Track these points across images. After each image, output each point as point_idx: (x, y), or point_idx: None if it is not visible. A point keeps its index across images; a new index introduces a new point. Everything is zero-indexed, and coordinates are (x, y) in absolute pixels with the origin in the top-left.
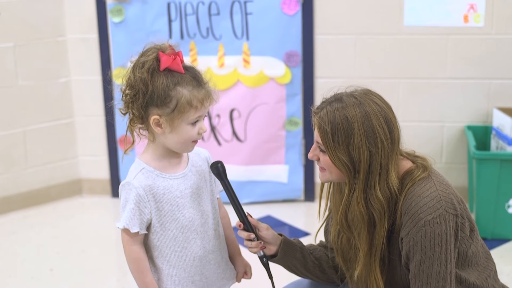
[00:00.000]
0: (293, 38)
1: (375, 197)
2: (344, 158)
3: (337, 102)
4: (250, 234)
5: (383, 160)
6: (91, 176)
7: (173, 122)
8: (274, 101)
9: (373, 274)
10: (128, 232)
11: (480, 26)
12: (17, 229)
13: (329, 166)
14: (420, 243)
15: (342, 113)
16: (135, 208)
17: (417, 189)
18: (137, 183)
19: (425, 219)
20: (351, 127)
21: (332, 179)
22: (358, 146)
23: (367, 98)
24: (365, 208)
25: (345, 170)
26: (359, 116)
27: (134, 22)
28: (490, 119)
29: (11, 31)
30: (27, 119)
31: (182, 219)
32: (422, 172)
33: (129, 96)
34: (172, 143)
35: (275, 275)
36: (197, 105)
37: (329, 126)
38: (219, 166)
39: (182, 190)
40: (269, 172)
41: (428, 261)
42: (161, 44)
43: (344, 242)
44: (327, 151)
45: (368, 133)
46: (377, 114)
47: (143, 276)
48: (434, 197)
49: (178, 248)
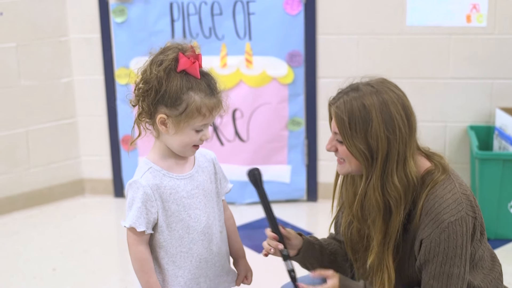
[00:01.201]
0: (295, 38)
1: (392, 184)
2: (361, 147)
3: (353, 91)
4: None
5: (401, 147)
6: (94, 176)
7: (178, 124)
8: (276, 101)
9: (385, 263)
10: (134, 231)
11: (483, 26)
12: (20, 229)
13: (347, 156)
14: (443, 244)
15: (360, 102)
16: (142, 207)
17: (439, 190)
18: (144, 182)
19: (448, 220)
20: (368, 114)
21: (351, 170)
22: (376, 134)
23: (383, 86)
24: (381, 195)
25: (362, 159)
26: (377, 103)
27: (136, 22)
28: (492, 119)
29: (13, 31)
30: (29, 119)
31: (188, 219)
32: (442, 173)
33: (142, 90)
34: (173, 144)
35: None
36: (206, 113)
37: (346, 115)
38: (256, 173)
39: (188, 190)
40: (271, 172)
41: (449, 262)
42: (183, 44)
43: (354, 233)
44: (344, 140)
45: (386, 120)
46: (394, 101)
47: (147, 276)
48: (456, 199)
49: (184, 249)
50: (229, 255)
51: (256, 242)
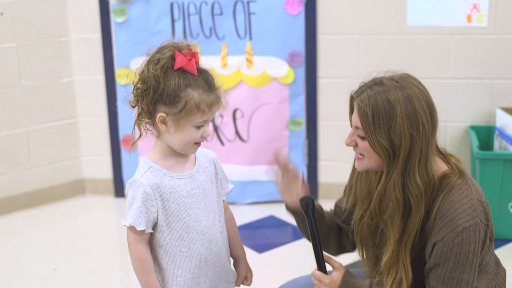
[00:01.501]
0: (296, 38)
1: (414, 182)
2: (384, 142)
3: (377, 85)
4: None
5: (423, 144)
6: (94, 176)
7: (178, 122)
8: (277, 101)
9: (401, 261)
10: (134, 230)
11: (483, 26)
12: (21, 229)
13: (368, 152)
14: (456, 249)
15: (384, 96)
16: (142, 206)
17: (456, 195)
18: (145, 181)
19: (463, 226)
20: (393, 110)
21: (370, 166)
22: (400, 130)
23: (407, 82)
24: (401, 193)
25: (384, 155)
26: (401, 99)
27: (137, 22)
28: (493, 119)
29: (14, 31)
30: (30, 119)
31: (188, 219)
32: (459, 177)
33: (140, 90)
34: (174, 143)
35: (273, 275)
36: (205, 109)
37: (370, 109)
38: (309, 203)
39: (189, 190)
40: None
41: (460, 268)
42: (179, 43)
43: (364, 228)
44: (366, 135)
45: (411, 116)
46: (419, 97)
47: (147, 276)
48: (471, 205)
49: (184, 248)
50: (230, 256)
51: (256, 242)
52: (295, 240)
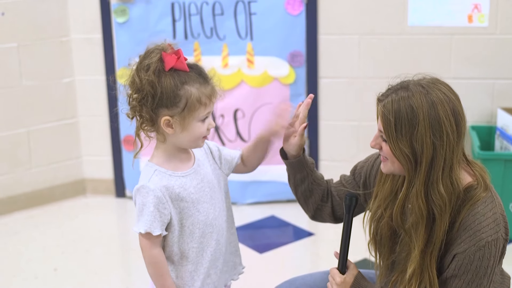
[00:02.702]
0: (297, 38)
1: (438, 192)
2: (406, 150)
3: (403, 90)
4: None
5: (447, 154)
6: (95, 176)
7: (184, 121)
8: (278, 101)
9: (427, 272)
10: (149, 236)
11: (484, 26)
12: (21, 229)
13: (391, 156)
14: (476, 263)
15: (408, 103)
16: (155, 211)
17: (481, 207)
18: (153, 186)
19: (486, 240)
20: (415, 117)
21: (394, 170)
22: (422, 138)
23: (434, 88)
24: (425, 203)
25: (405, 162)
26: (425, 106)
27: (138, 22)
28: (494, 119)
29: (15, 31)
30: (31, 119)
31: (197, 214)
32: (484, 190)
33: (137, 100)
34: (183, 142)
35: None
36: (206, 101)
37: (393, 116)
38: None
39: (195, 185)
40: (273, 172)
41: (477, 281)
42: (161, 44)
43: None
44: (388, 141)
45: (434, 125)
46: (444, 105)
47: (163, 279)
48: (495, 219)
49: (195, 244)
50: (236, 247)
51: (257, 242)
52: (296, 240)
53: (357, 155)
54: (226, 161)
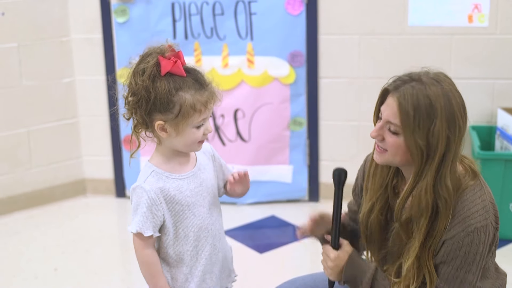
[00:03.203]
0: (297, 38)
1: (445, 185)
2: (421, 142)
3: (417, 82)
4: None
5: (457, 147)
6: (95, 176)
7: (178, 126)
8: (278, 101)
9: (426, 266)
10: (141, 236)
11: (485, 26)
12: (22, 229)
13: (396, 149)
14: (464, 249)
15: (426, 97)
16: (147, 212)
17: (469, 195)
18: (148, 187)
19: (475, 226)
20: (435, 112)
21: (393, 161)
22: (439, 132)
23: (447, 83)
24: (433, 196)
25: (417, 155)
26: (443, 102)
27: (138, 22)
28: (494, 119)
29: (15, 31)
30: (31, 119)
31: (193, 218)
32: (472, 178)
33: (132, 103)
34: (179, 146)
35: (274, 276)
36: (201, 108)
37: (412, 108)
38: (342, 174)
39: (192, 189)
40: (273, 172)
41: (465, 268)
42: (160, 46)
43: (374, 223)
44: (404, 133)
45: (450, 119)
46: (457, 101)
47: (156, 279)
48: (484, 205)
49: (190, 247)
50: (231, 252)
51: (257, 242)
52: (296, 240)
53: (357, 155)
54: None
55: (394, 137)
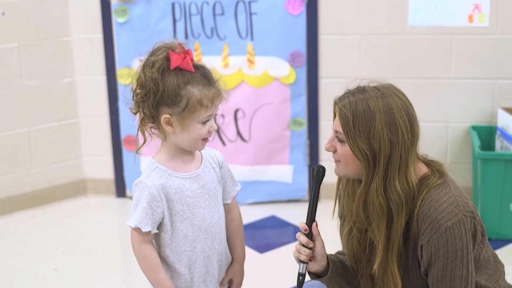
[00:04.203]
0: (297, 38)
1: (394, 189)
2: (364, 147)
3: (360, 93)
4: (310, 241)
5: (403, 152)
6: (96, 176)
7: (183, 121)
8: (278, 101)
9: (390, 269)
10: (139, 231)
11: (485, 26)
12: (22, 229)
13: (346, 157)
14: (442, 249)
15: (365, 103)
16: (147, 207)
17: (434, 195)
18: (150, 182)
19: (445, 225)
20: (372, 115)
21: (347, 172)
22: (379, 135)
23: (390, 92)
24: (384, 199)
25: (363, 160)
26: (381, 106)
27: (138, 22)
28: (494, 119)
29: (15, 31)
30: (31, 119)
31: (192, 218)
32: (438, 178)
33: (140, 96)
34: (182, 142)
35: (274, 276)
36: (208, 104)
37: (351, 114)
38: (320, 171)
39: (193, 189)
40: (273, 172)
41: (450, 265)
42: (170, 43)
43: (355, 243)
44: (347, 139)
45: (390, 123)
46: (399, 106)
47: (155, 272)
48: (451, 202)
49: (189, 247)
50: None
51: (258, 242)
52: (296, 241)
53: None
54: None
55: (343, 146)
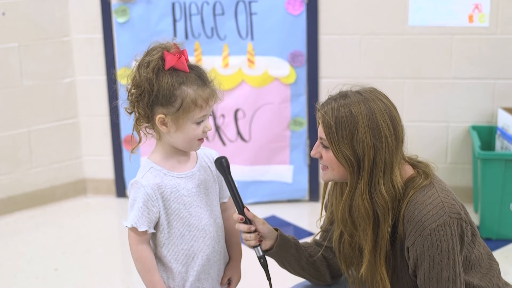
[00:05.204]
0: (297, 38)
1: (380, 193)
2: (347, 153)
3: (342, 98)
4: (250, 226)
5: (387, 156)
6: (96, 176)
7: (178, 121)
8: (278, 101)
9: (378, 273)
10: (136, 231)
11: (485, 26)
12: (22, 229)
13: (331, 163)
14: (427, 251)
15: (347, 108)
16: (143, 207)
17: (419, 196)
18: (145, 182)
19: (430, 227)
20: (355, 121)
21: (334, 177)
22: (362, 140)
23: (372, 96)
24: (370, 203)
25: (347, 165)
26: (364, 111)
27: (138, 22)
28: (495, 119)
29: (16, 31)
30: (32, 119)
31: (189, 217)
32: (424, 179)
33: (135, 96)
34: (177, 142)
35: (275, 276)
36: (202, 104)
37: (333, 120)
38: (223, 161)
39: (189, 189)
40: (273, 172)
41: (437, 267)
42: (166, 43)
43: (346, 246)
44: (330, 146)
45: (373, 128)
46: (381, 110)
47: (150, 274)
48: (436, 204)
49: (186, 246)
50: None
51: None
52: None
53: None
54: None
55: (327, 152)
